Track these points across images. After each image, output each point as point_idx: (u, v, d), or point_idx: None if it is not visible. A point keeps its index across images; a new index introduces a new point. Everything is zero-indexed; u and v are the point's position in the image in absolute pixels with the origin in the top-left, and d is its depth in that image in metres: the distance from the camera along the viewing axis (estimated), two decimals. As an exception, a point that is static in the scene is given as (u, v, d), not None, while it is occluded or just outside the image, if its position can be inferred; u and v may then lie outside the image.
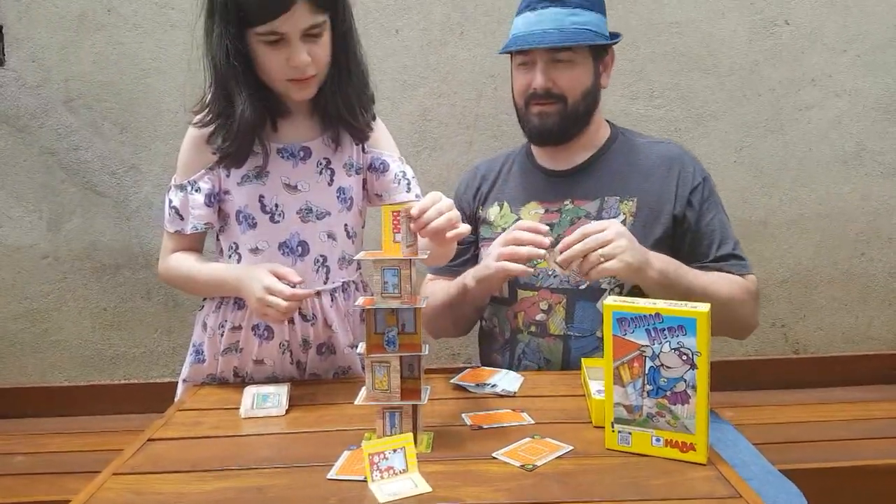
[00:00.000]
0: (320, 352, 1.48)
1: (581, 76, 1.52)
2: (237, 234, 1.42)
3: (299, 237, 1.41)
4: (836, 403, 2.26)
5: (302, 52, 1.28)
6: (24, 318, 2.45)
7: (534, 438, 1.10)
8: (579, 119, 1.55)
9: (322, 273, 1.44)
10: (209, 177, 1.40)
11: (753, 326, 1.59)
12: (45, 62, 2.34)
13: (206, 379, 1.49)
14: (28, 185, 2.39)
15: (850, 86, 2.43)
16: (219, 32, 1.29)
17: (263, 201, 1.40)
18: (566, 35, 1.47)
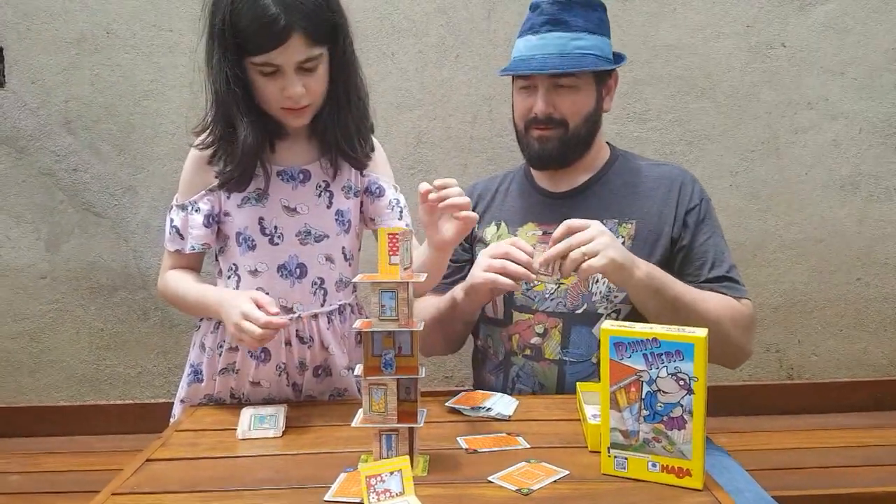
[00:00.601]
0: (316, 374, 1.48)
1: (583, 101, 1.51)
2: (237, 256, 1.42)
3: (298, 259, 1.42)
4: (831, 430, 2.26)
5: (296, 84, 1.30)
6: (21, 337, 2.45)
7: (529, 463, 1.10)
8: (580, 143, 1.54)
9: (320, 295, 1.44)
10: (209, 198, 1.41)
11: (747, 353, 1.54)
12: (44, 84, 2.35)
13: (203, 399, 1.48)
14: (27, 205, 2.40)
15: (846, 109, 2.45)
16: (218, 58, 1.31)
17: (263, 223, 1.40)
18: (568, 61, 1.46)
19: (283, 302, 1.40)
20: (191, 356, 1.51)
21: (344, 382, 1.51)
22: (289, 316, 1.39)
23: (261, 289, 1.39)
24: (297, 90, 1.30)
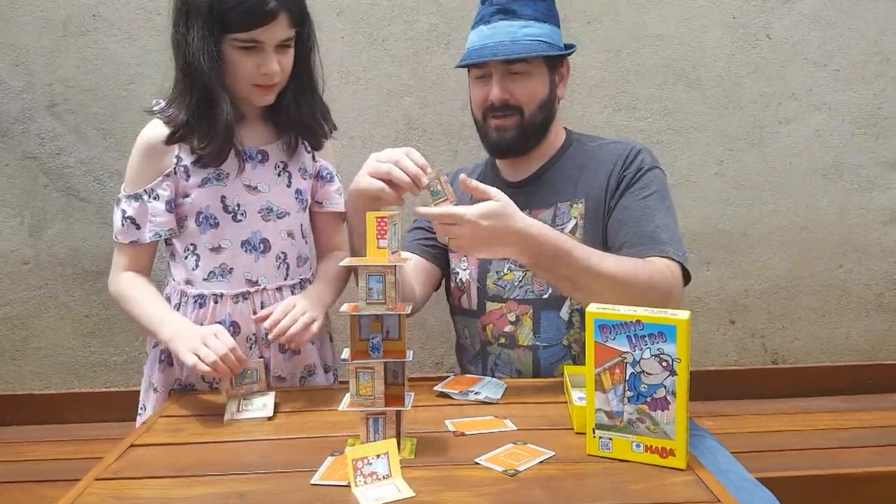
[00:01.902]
0: (283, 350, 1.49)
1: (537, 87, 1.52)
2: (196, 236, 1.45)
3: (261, 235, 1.46)
4: (814, 413, 2.29)
5: (274, 62, 1.37)
6: (4, 324, 2.43)
7: (516, 444, 1.11)
8: (537, 130, 1.55)
9: (283, 270, 1.49)
10: (167, 183, 1.42)
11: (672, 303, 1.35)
12: (28, 66, 2.33)
13: (175, 385, 1.49)
14: (9, 190, 2.38)
15: (829, 100, 2.47)
16: (202, 34, 1.33)
17: (226, 201, 1.44)
18: (520, 47, 1.47)
19: (247, 275, 1.45)
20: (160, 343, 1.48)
21: (311, 357, 1.53)
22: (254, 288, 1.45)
23: (224, 265, 1.44)
24: (274, 67, 1.37)
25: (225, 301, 1.44)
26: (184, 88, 1.39)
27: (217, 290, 1.44)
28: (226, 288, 1.44)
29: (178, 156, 1.42)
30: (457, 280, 1.61)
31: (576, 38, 2.40)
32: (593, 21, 2.41)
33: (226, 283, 1.44)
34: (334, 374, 1.62)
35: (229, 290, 1.44)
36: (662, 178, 1.53)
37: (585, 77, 2.42)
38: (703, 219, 2.50)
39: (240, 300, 1.45)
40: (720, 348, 2.56)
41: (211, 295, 1.44)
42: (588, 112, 2.43)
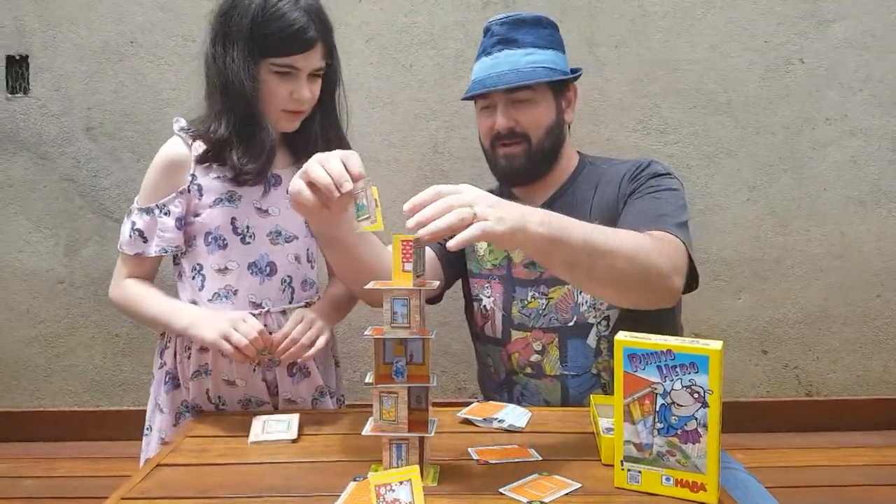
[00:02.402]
0: (291, 373, 1.49)
1: (542, 113, 1.51)
2: (203, 255, 1.45)
3: (268, 258, 1.46)
4: (851, 448, 2.24)
5: (306, 88, 1.40)
6: (38, 342, 2.47)
7: (541, 475, 1.09)
8: (546, 156, 1.53)
9: (288, 293, 1.49)
10: (180, 200, 1.43)
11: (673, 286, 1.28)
12: (67, 91, 2.38)
13: (181, 407, 1.49)
14: (47, 211, 2.42)
15: (865, 125, 2.44)
16: (242, 57, 1.36)
17: (235, 223, 1.44)
18: (521, 75, 1.47)
19: (252, 298, 1.45)
20: (166, 363, 1.50)
21: (321, 379, 1.53)
22: (258, 311, 1.45)
23: (229, 286, 1.44)
24: (306, 93, 1.40)
25: None
26: (222, 107, 1.40)
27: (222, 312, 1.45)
28: (230, 309, 1.44)
29: (193, 174, 1.43)
30: (480, 307, 1.59)
31: (604, 62, 2.41)
32: (621, 45, 2.41)
33: (230, 304, 1.45)
34: (339, 399, 1.62)
35: (233, 312, 1.44)
36: (677, 183, 1.49)
37: (613, 101, 2.42)
38: (734, 246, 2.47)
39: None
40: (752, 379, 2.51)
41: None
42: (616, 136, 2.43)
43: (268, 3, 1.35)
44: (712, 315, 2.51)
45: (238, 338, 1.32)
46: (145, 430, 1.55)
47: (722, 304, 2.50)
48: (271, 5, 1.35)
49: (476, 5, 2.39)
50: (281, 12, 1.34)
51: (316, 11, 1.38)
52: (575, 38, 2.40)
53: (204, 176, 1.43)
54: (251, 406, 1.47)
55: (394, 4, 2.37)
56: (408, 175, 2.42)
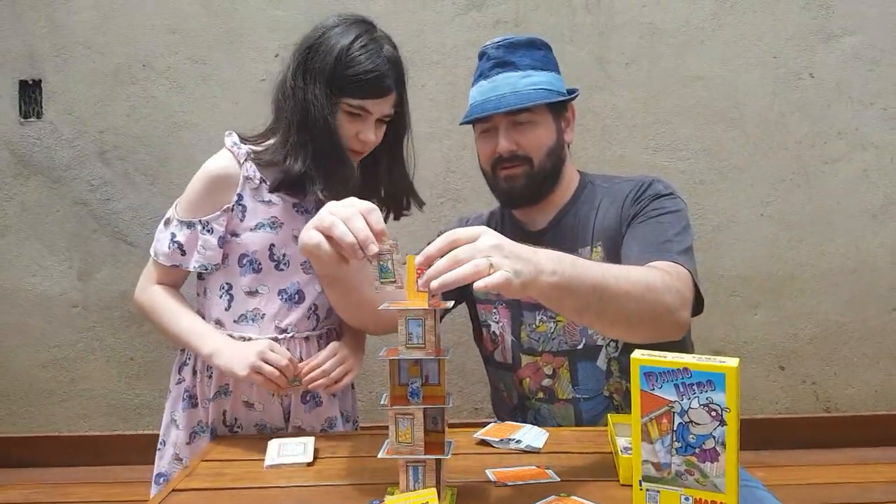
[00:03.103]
0: (304, 400, 1.49)
1: (543, 135, 1.50)
2: (235, 276, 1.45)
3: (298, 286, 1.47)
4: (870, 464, 2.21)
5: (373, 132, 1.43)
6: (53, 366, 2.47)
7: (559, 496, 1.08)
8: (547, 178, 1.51)
9: (313, 320, 1.49)
10: (223, 218, 1.43)
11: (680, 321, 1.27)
12: (80, 115, 2.41)
13: (196, 427, 1.49)
14: (60, 235, 2.44)
15: (876, 139, 2.43)
16: (324, 94, 1.39)
17: (273, 250, 1.45)
18: (522, 97, 1.46)
19: (278, 323, 1.46)
20: (185, 380, 1.51)
21: (332, 410, 1.53)
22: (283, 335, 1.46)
23: (257, 310, 1.45)
24: (372, 137, 1.43)
25: None
26: (299, 141, 1.41)
27: (247, 334, 1.45)
28: (255, 332, 1.45)
29: (240, 194, 1.43)
30: (489, 333, 1.58)
31: (615, 79, 2.41)
32: (632, 63, 2.41)
33: (256, 327, 1.45)
34: (354, 423, 1.62)
35: (259, 334, 1.45)
36: (680, 204, 1.47)
37: (625, 118, 2.42)
38: (749, 262, 2.46)
39: None
40: (770, 395, 2.49)
41: (239, 338, 1.45)
42: (628, 153, 2.43)
43: (353, 46, 1.38)
44: (729, 331, 2.49)
45: (270, 370, 1.34)
46: (159, 445, 1.55)
47: (738, 320, 2.49)
48: (356, 48, 1.38)
49: (486, 24, 2.40)
50: (364, 57, 1.38)
51: (395, 61, 1.42)
52: (585, 55, 2.41)
53: (250, 198, 1.44)
54: (265, 431, 1.47)
55: (404, 24, 2.38)
56: (421, 194, 2.40)
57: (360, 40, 1.39)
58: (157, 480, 1.53)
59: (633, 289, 1.17)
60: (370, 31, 1.42)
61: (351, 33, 1.39)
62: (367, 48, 1.39)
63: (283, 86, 1.43)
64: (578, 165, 1.61)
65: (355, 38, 1.39)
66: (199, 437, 1.48)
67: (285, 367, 1.35)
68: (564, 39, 2.37)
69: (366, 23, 1.44)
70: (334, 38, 1.39)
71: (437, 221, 1.62)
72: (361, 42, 1.39)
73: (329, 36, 1.40)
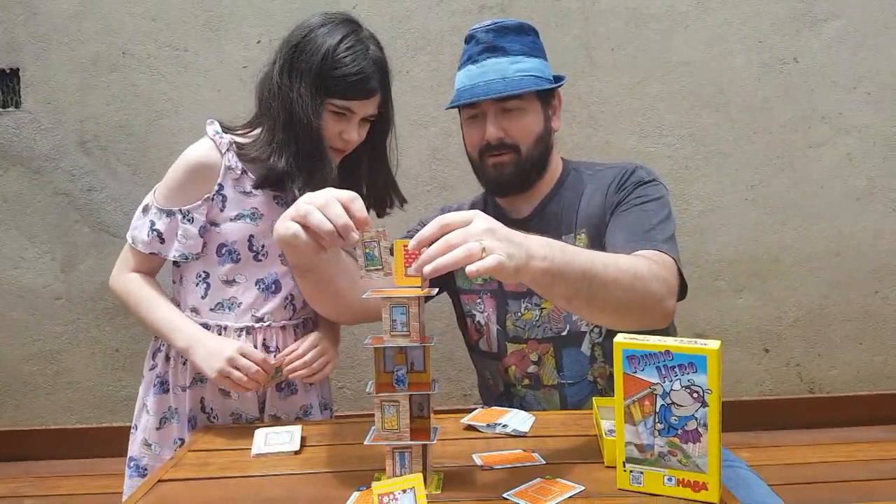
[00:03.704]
0: (279, 388, 1.50)
1: (531, 123, 1.49)
2: (213, 265, 1.46)
3: (276, 276, 1.48)
4: (853, 443, 2.24)
5: (356, 131, 1.44)
6: (37, 359, 2.46)
7: (545, 479, 1.09)
8: (535, 165, 1.50)
9: (289, 310, 1.50)
10: (204, 207, 1.43)
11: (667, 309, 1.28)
12: (59, 104, 2.38)
13: (167, 412, 1.50)
14: (42, 226, 2.42)
15: (859, 123, 2.44)
16: (310, 93, 1.39)
17: (252, 241, 1.45)
18: (511, 83, 1.44)
19: (255, 312, 1.46)
20: (157, 366, 1.51)
21: (308, 398, 1.54)
22: (259, 324, 1.47)
23: (234, 298, 1.46)
24: (355, 136, 1.44)
25: (229, 333, 1.46)
26: (286, 139, 1.41)
27: (222, 322, 1.46)
28: (231, 320, 1.46)
29: (221, 183, 1.43)
30: (474, 323, 1.58)
31: (600, 65, 2.41)
32: (617, 48, 2.41)
33: (233, 315, 1.46)
34: (330, 410, 1.64)
35: (234, 322, 1.46)
36: (663, 190, 1.48)
37: (611, 104, 2.42)
38: (733, 245, 2.47)
39: (243, 334, 1.46)
40: (755, 377, 2.51)
41: (215, 326, 1.46)
42: (615, 139, 2.43)
43: (340, 46, 1.38)
44: (714, 315, 2.50)
45: (238, 376, 1.35)
46: (131, 430, 1.56)
47: (723, 303, 2.50)
48: (343, 49, 1.38)
49: (472, 10, 2.39)
50: (350, 59, 1.38)
51: (381, 63, 1.43)
52: (571, 41, 2.40)
53: (231, 188, 1.44)
54: (241, 420, 1.48)
55: (389, 10, 2.37)
56: (407, 182, 2.40)
57: (346, 41, 1.39)
58: (128, 464, 1.54)
59: (622, 277, 1.18)
60: (356, 32, 1.42)
61: (337, 34, 1.39)
62: (353, 49, 1.39)
63: (269, 82, 1.43)
64: (565, 152, 1.61)
65: (342, 39, 1.39)
66: (169, 424, 1.49)
67: (255, 373, 1.36)
68: (550, 25, 2.36)
69: (352, 23, 1.44)
70: (321, 37, 1.39)
71: (423, 209, 1.62)
72: (348, 43, 1.39)
73: (316, 35, 1.40)
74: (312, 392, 1.56)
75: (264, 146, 1.42)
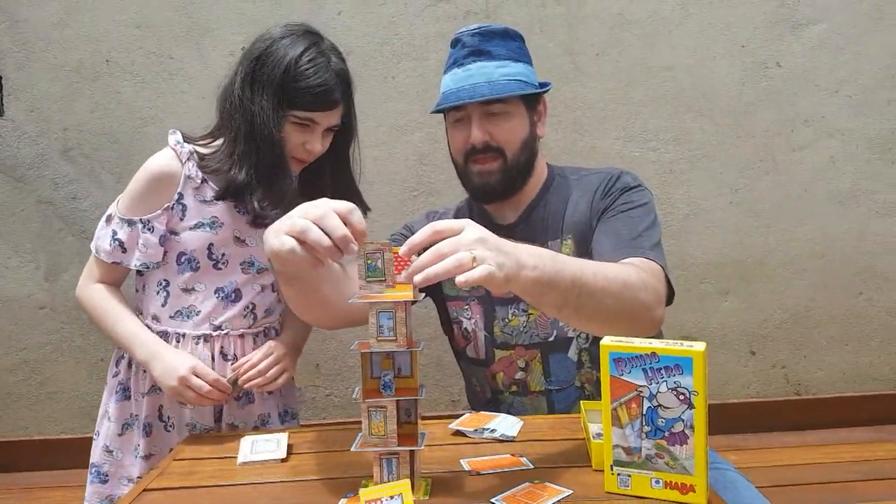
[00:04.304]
0: (237, 397, 1.51)
1: (517, 127, 1.48)
2: (172, 273, 1.47)
3: (235, 285, 1.49)
4: (839, 445, 2.26)
5: (319, 142, 1.45)
6: (21, 369, 2.44)
7: (533, 483, 1.09)
8: (521, 171, 1.50)
9: (249, 318, 1.51)
10: (164, 217, 1.44)
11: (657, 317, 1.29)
12: (43, 112, 2.37)
13: (129, 419, 1.51)
14: (25, 235, 2.40)
15: (842, 126, 2.46)
16: (271, 106, 1.39)
17: (212, 249, 1.46)
18: (497, 87, 1.43)
19: (213, 320, 1.48)
20: (120, 373, 1.53)
21: (266, 406, 1.54)
22: (217, 332, 1.48)
23: (192, 306, 1.47)
24: (318, 147, 1.45)
25: (187, 341, 1.47)
26: (246, 150, 1.41)
27: (181, 330, 1.47)
28: (190, 328, 1.47)
29: (181, 192, 1.43)
30: (461, 329, 1.58)
31: (584, 70, 2.42)
32: (602, 53, 2.42)
33: (191, 323, 1.47)
34: (294, 418, 1.64)
35: (192, 330, 1.47)
36: (648, 196, 1.48)
37: (596, 109, 2.43)
38: (719, 248, 2.48)
39: (200, 342, 1.47)
40: (742, 380, 2.52)
41: (174, 333, 1.47)
42: (600, 144, 2.44)
43: (301, 59, 1.39)
44: (700, 318, 2.52)
45: (191, 396, 1.38)
46: (94, 436, 1.57)
47: (709, 306, 2.52)
48: (304, 62, 1.39)
49: (457, 16, 2.39)
50: (312, 71, 1.39)
51: (343, 74, 1.44)
52: (555, 46, 2.41)
53: (191, 197, 1.44)
54: (195, 430, 1.48)
55: (374, 16, 2.37)
56: (393, 188, 2.41)
57: (308, 53, 1.40)
58: (90, 470, 1.55)
59: (611, 285, 1.18)
60: (318, 44, 1.42)
61: (299, 46, 1.40)
62: (314, 62, 1.40)
63: (230, 94, 1.44)
64: (550, 157, 1.61)
65: (304, 51, 1.40)
66: (130, 430, 1.50)
67: (208, 392, 1.38)
68: (534, 31, 2.37)
69: (313, 34, 1.45)
70: (282, 49, 1.40)
71: (409, 214, 1.62)
72: (310, 55, 1.40)
73: (277, 48, 1.40)
74: (270, 400, 1.56)
75: (225, 158, 1.43)
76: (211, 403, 1.43)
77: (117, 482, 1.52)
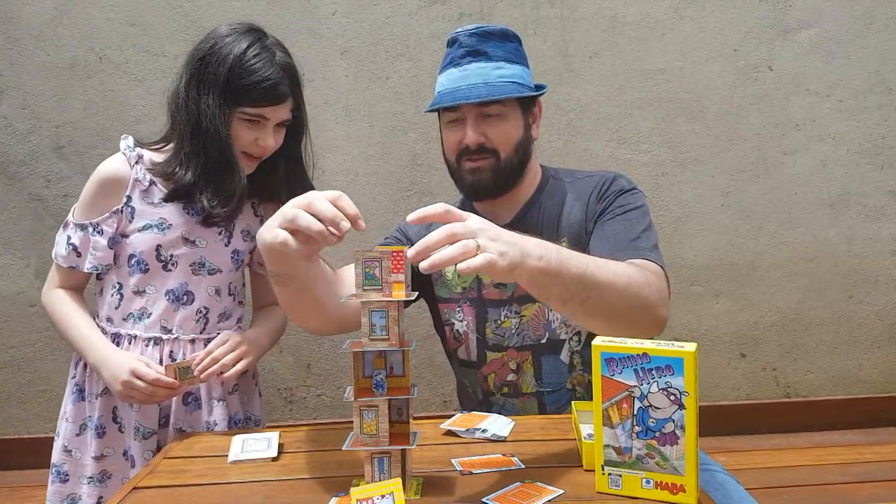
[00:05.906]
0: (186, 402, 1.51)
1: (512, 129, 1.48)
2: (124, 276, 1.48)
3: (187, 287, 1.49)
4: (828, 447, 2.27)
5: (271, 137, 1.45)
6: (10, 367, 2.42)
7: (524, 483, 1.09)
8: (513, 172, 1.50)
9: (201, 323, 1.51)
10: (113, 220, 1.45)
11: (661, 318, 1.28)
12: (35, 109, 2.36)
13: (85, 419, 1.51)
14: (16, 232, 2.39)
15: (833, 130, 2.47)
16: (217, 104, 1.40)
17: (160, 251, 1.47)
18: (493, 88, 1.43)
19: (164, 323, 1.48)
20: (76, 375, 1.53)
21: (214, 414, 1.53)
22: (167, 336, 1.48)
23: (144, 308, 1.47)
24: (271, 142, 1.45)
25: (137, 343, 1.47)
26: (192, 151, 1.43)
27: (132, 332, 1.48)
28: (141, 330, 1.47)
29: (129, 195, 1.45)
30: (453, 331, 1.58)
31: (578, 72, 2.43)
32: (595, 56, 2.43)
33: (142, 326, 1.48)
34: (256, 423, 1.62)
35: (144, 332, 1.47)
36: (643, 199, 1.49)
37: (588, 111, 2.44)
38: (710, 251, 2.49)
39: (150, 344, 1.48)
40: (732, 382, 2.53)
41: (126, 335, 1.48)
42: (592, 146, 2.44)
43: (245, 55, 1.39)
44: (691, 320, 2.52)
45: (139, 396, 1.39)
46: (55, 436, 1.57)
47: (700, 309, 2.52)
48: (248, 58, 1.39)
49: (451, 17, 2.40)
50: (257, 66, 1.39)
51: (289, 68, 1.43)
52: (549, 48, 2.42)
53: (139, 200, 1.46)
54: (139, 434, 1.47)
55: (369, 16, 2.37)
56: (387, 187, 2.42)
57: (252, 49, 1.41)
58: (51, 470, 1.55)
59: (617, 280, 1.18)
60: (262, 40, 1.43)
61: (243, 42, 1.41)
62: (259, 56, 1.40)
63: (176, 97, 1.45)
64: (543, 159, 1.62)
65: (248, 47, 1.41)
66: (87, 430, 1.51)
67: (152, 392, 1.38)
68: (528, 32, 2.38)
69: (257, 31, 1.46)
70: (226, 47, 1.41)
71: (402, 214, 1.62)
72: (254, 51, 1.41)
73: (221, 46, 1.41)
74: (218, 408, 1.52)
75: (172, 160, 1.45)
76: (160, 401, 1.44)
77: (77, 481, 1.52)
